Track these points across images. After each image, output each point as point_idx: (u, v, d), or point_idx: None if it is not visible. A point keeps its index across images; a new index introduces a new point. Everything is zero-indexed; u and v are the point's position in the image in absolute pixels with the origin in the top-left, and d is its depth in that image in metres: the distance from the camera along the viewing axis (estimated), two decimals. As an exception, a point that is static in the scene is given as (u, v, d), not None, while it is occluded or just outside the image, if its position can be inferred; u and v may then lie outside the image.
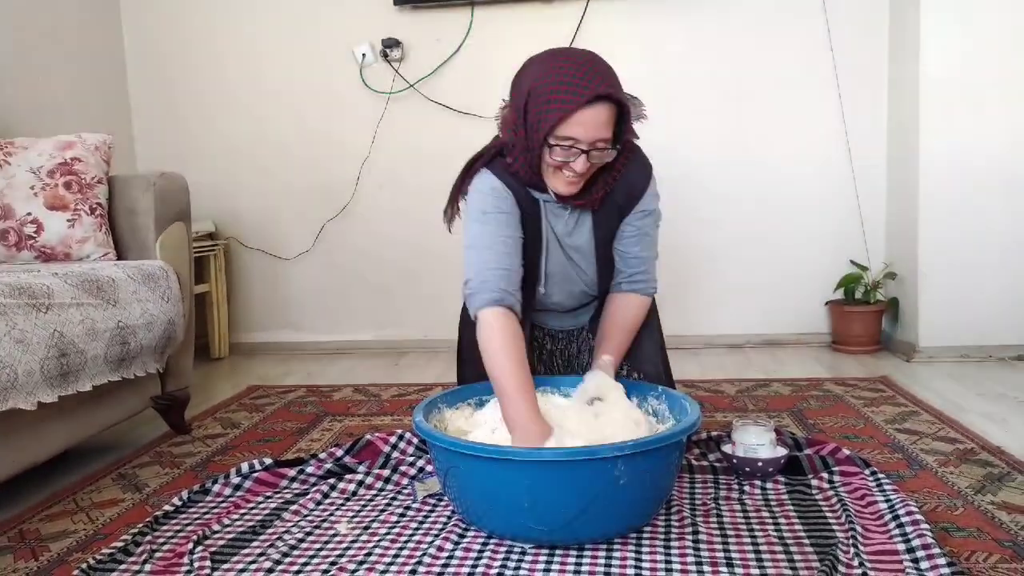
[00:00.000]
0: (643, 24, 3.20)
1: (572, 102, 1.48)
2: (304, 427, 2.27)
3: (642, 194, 1.71)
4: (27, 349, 1.57)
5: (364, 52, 3.30)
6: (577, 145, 1.51)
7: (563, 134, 1.51)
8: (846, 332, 3.10)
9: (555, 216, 1.72)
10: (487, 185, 1.66)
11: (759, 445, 1.67)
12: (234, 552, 1.42)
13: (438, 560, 1.35)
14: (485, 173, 1.68)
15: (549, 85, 1.51)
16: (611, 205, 1.70)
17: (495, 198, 1.65)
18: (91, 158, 2.21)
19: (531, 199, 1.69)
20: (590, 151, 1.52)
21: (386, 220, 3.41)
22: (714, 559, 1.32)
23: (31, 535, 1.56)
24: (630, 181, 1.69)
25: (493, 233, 1.63)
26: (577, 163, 1.54)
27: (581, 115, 1.49)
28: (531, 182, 1.65)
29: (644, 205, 1.72)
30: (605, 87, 1.49)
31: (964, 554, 1.32)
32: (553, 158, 1.55)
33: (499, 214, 1.65)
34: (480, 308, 1.58)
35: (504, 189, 1.66)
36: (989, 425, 2.05)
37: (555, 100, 1.49)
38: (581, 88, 1.48)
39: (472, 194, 1.68)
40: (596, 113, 1.50)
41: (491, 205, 1.65)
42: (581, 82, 1.49)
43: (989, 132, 2.79)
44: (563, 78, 1.50)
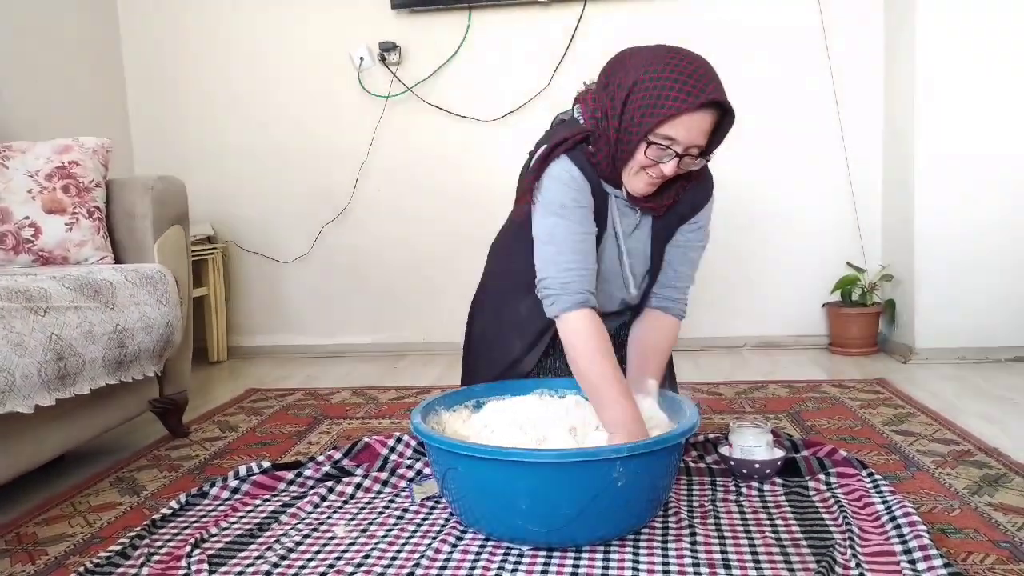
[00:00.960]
0: (640, 27, 3.20)
1: (685, 102, 1.43)
2: (302, 430, 2.27)
3: (703, 206, 1.71)
4: (25, 352, 1.57)
5: (362, 55, 3.31)
6: (673, 147, 1.48)
7: (664, 133, 1.47)
8: (843, 334, 3.11)
9: (621, 214, 1.67)
10: (567, 174, 1.57)
11: (756, 447, 1.67)
12: (232, 555, 1.42)
13: (436, 562, 1.35)
14: (563, 160, 1.58)
15: (661, 81, 1.46)
16: (674, 214, 1.68)
17: (575, 190, 1.58)
18: (89, 161, 2.21)
19: (602, 192, 1.63)
20: (683, 156, 1.50)
21: (384, 223, 3.42)
22: (711, 561, 1.32)
23: (28, 539, 1.56)
24: (696, 193, 1.68)
25: (573, 229, 1.56)
26: (668, 165, 1.50)
27: (688, 118, 1.45)
28: (610, 176, 1.59)
29: (699, 217, 1.71)
30: (717, 94, 1.46)
31: (961, 555, 1.32)
32: (647, 156, 1.50)
33: (577, 208, 1.57)
34: (565, 311, 1.54)
35: (583, 179, 1.59)
36: (986, 426, 2.05)
37: (666, 97, 1.44)
38: (697, 90, 1.44)
39: (549, 181, 1.58)
40: (702, 119, 1.47)
41: (570, 198, 1.57)
42: (698, 84, 1.45)
43: (985, 134, 2.80)
44: (677, 76, 1.45)
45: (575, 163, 1.58)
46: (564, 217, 1.56)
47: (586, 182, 1.59)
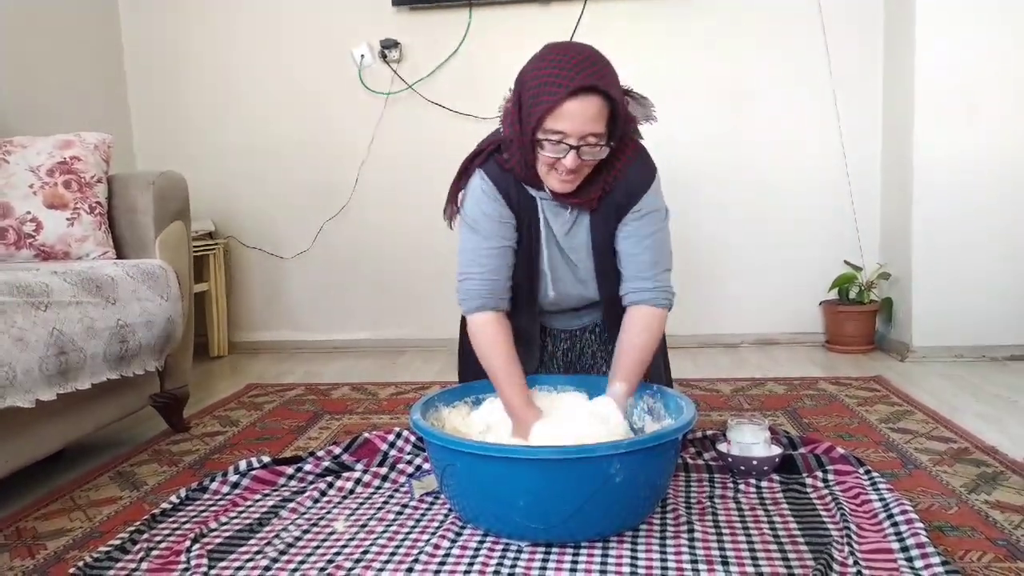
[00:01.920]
0: (640, 26, 3.20)
1: (557, 93, 1.46)
2: (302, 425, 2.28)
3: (641, 195, 1.67)
4: (26, 347, 1.57)
5: (363, 53, 3.31)
6: (566, 140, 1.49)
7: (551, 127, 1.49)
8: (840, 332, 3.11)
9: (553, 215, 1.70)
10: (478, 188, 1.67)
11: (754, 444, 1.68)
12: (231, 550, 1.42)
13: (435, 558, 1.36)
14: (478, 174, 1.67)
15: (539, 78, 1.50)
16: (609, 205, 1.67)
17: (484, 203, 1.66)
18: (90, 157, 2.21)
19: (528, 197, 1.68)
20: (580, 147, 1.50)
21: (385, 220, 3.42)
22: (709, 557, 1.32)
23: (28, 533, 1.57)
24: (631, 181, 1.66)
25: (478, 243, 1.67)
26: (567, 159, 1.51)
27: (567, 107, 1.46)
28: (527, 179, 1.64)
29: (642, 205, 1.67)
30: (592, 79, 1.46)
31: (958, 553, 1.32)
32: (543, 154, 1.53)
33: (487, 221, 1.66)
34: (467, 313, 1.69)
35: (494, 192, 1.66)
36: (983, 425, 2.06)
37: (543, 92, 1.48)
38: (567, 80, 1.46)
39: (467, 197, 1.69)
40: (583, 106, 1.47)
41: (480, 212, 1.66)
42: (568, 74, 1.46)
43: (983, 134, 2.80)
44: (553, 70, 1.48)
45: (489, 175, 1.66)
46: (475, 231, 1.67)
47: (497, 193, 1.66)
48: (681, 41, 3.20)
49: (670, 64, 3.21)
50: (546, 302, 1.81)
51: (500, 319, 1.67)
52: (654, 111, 1.69)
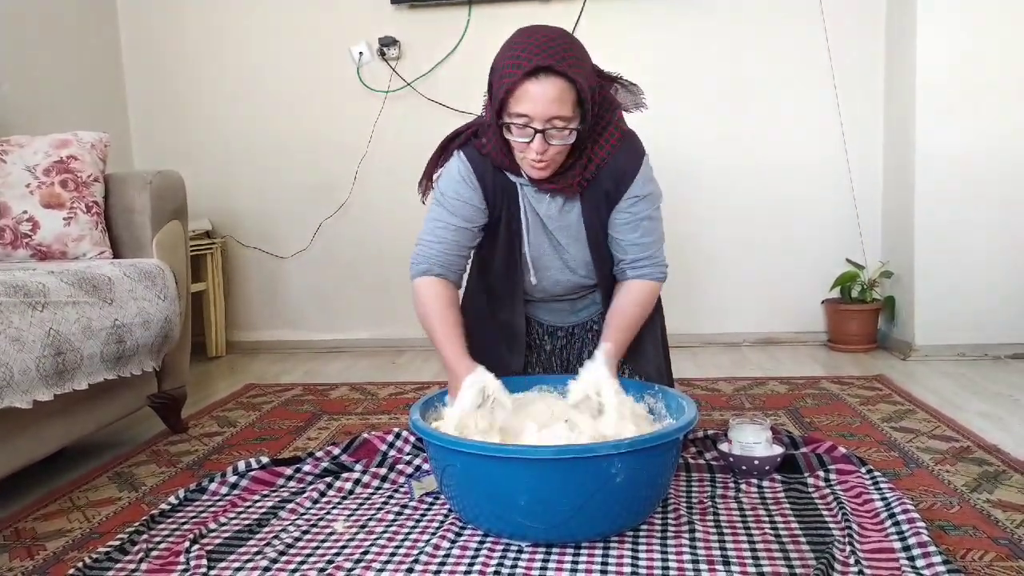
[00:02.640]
0: (640, 24, 3.20)
1: (515, 75, 1.46)
2: (301, 425, 2.27)
3: (631, 179, 1.66)
4: (23, 347, 1.56)
5: (361, 51, 3.30)
6: (531, 124, 1.49)
7: (514, 111, 1.49)
8: (843, 331, 3.11)
9: (537, 200, 1.70)
10: (453, 168, 1.70)
11: (755, 443, 1.67)
12: (230, 550, 1.41)
13: (435, 558, 1.35)
14: (456, 155, 1.70)
15: (503, 60, 1.51)
16: (598, 190, 1.67)
17: (456, 183, 1.69)
18: (87, 156, 2.20)
19: (507, 183, 1.68)
20: (545, 130, 1.49)
21: (383, 218, 3.41)
22: (711, 557, 1.32)
23: (27, 534, 1.56)
24: (619, 166, 1.66)
25: (440, 216, 1.70)
26: (534, 143, 1.50)
27: (527, 89, 1.46)
28: (504, 164, 1.64)
29: (634, 190, 1.67)
30: (549, 60, 1.45)
31: (960, 552, 1.32)
32: (512, 138, 1.53)
33: (455, 200, 1.68)
34: (414, 278, 1.72)
35: (469, 174, 1.68)
36: (985, 423, 2.05)
37: (505, 75, 1.48)
38: (525, 61, 1.45)
39: (443, 174, 1.72)
40: (543, 88, 1.46)
41: (451, 190, 1.69)
42: (527, 55, 1.46)
43: (985, 131, 2.80)
44: (515, 52, 1.49)
45: (467, 158, 1.69)
46: (441, 206, 1.71)
47: (472, 176, 1.68)
48: (681, 38, 3.20)
49: (671, 61, 3.20)
50: (531, 289, 1.80)
51: (445, 283, 1.69)
52: (644, 98, 1.70)
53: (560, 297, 1.86)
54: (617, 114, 1.67)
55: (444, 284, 1.69)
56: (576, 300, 1.87)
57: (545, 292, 1.82)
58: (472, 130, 1.70)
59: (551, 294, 1.84)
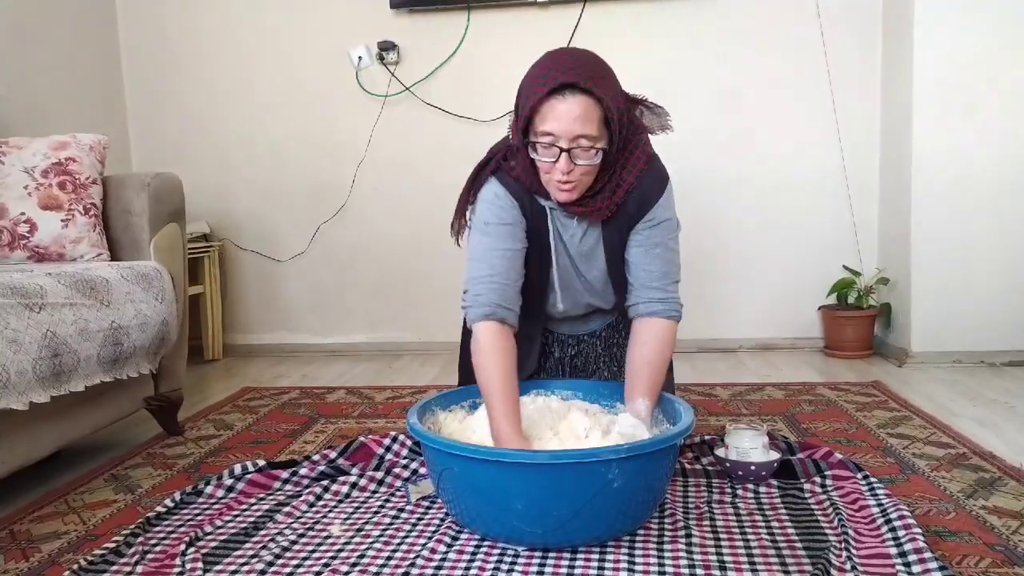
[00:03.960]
0: (639, 29, 3.20)
1: (537, 93, 1.46)
2: (298, 429, 2.27)
3: (654, 203, 1.64)
4: (20, 349, 1.56)
5: (360, 55, 3.31)
6: (557, 143, 1.47)
7: (540, 129, 1.48)
8: (839, 337, 3.11)
9: (563, 225, 1.68)
10: (491, 193, 1.63)
11: (752, 449, 1.67)
12: (226, 554, 1.41)
13: (431, 563, 1.35)
14: (491, 181, 1.64)
15: (530, 80, 1.50)
16: (622, 216, 1.64)
17: (498, 208, 1.62)
18: (86, 158, 2.20)
19: (538, 206, 1.65)
20: (571, 149, 1.48)
21: (381, 222, 3.41)
22: (707, 562, 1.32)
23: (22, 536, 1.55)
24: (643, 192, 1.63)
25: (492, 245, 1.61)
26: (560, 163, 1.48)
27: (552, 107, 1.45)
28: (533, 187, 1.62)
29: (653, 214, 1.64)
30: (573, 77, 1.44)
31: (955, 558, 1.32)
32: (538, 159, 1.52)
33: (500, 225, 1.62)
34: (474, 322, 1.60)
35: (508, 197, 1.63)
36: (981, 430, 2.06)
37: (531, 93, 1.48)
38: (549, 79, 1.45)
39: (478, 203, 1.65)
40: (568, 106, 1.45)
41: (493, 216, 1.62)
42: (551, 73, 1.46)
43: (982, 139, 2.81)
44: (541, 72, 1.48)
45: (501, 182, 1.64)
46: (487, 235, 1.63)
47: (512, 200, 1.63)
48: (679, 43, 3.21)
49: (667, 66, 3.21)
50: (554, 312, 1.79)
51: (508, 334, 1.58)
52: (669, 120, 1.66)
53: (573, 315, 1.85)
54: (644, 137, 1.64)
55: (507, 335, 1.58)
56: (589, 315, 1.87)
57: (565, 314, 1.80)
58: (501, 154, 1.65)
59: (567, 314, 1.82)
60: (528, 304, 1.70)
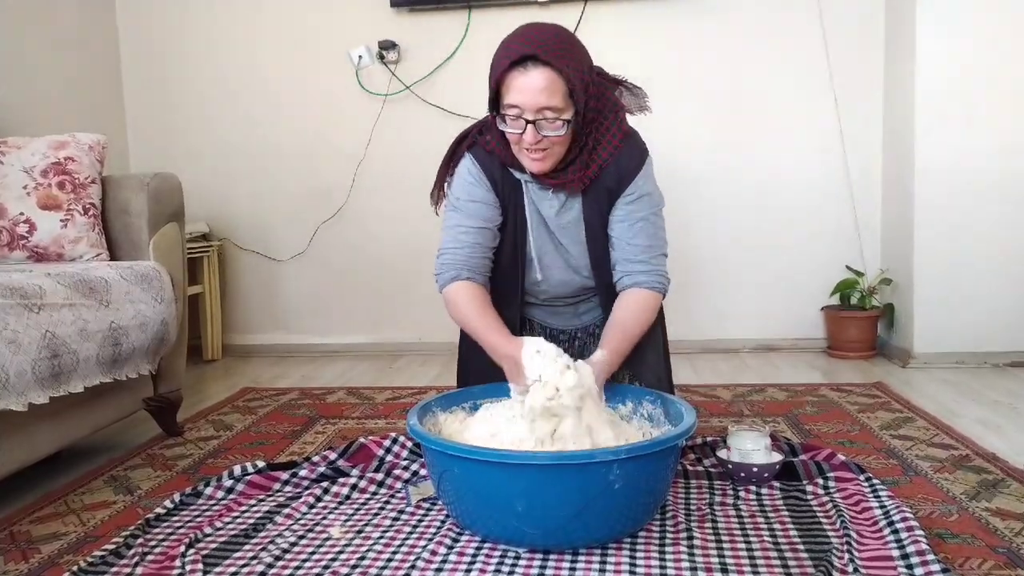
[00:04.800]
0: (640, 29, 3.20)
1: (501, 66, 1.50)
2: (297, 430, 2.26)
3: (633, 177, 1.67)
4: (19, 350, 1.56)
5: (360, 54, 3.30)
6: (523, 115, 1.52)
7: (507, 102, 1.52)
8: (842, 338, 3.11)
9: (539, 197, 1.71)
10: (464, 169, 1.71)
11: (754, 450, 1.66)
12: (226, 555, 1.41)
13: (432, 564, 1.34)
14: (465, 157, 1.71)
15: (497, 53, 1.55)
16: (600, 189, 1.68)
17: (469, 184, 1.69)
18: (85, 158, 2.19)
19: (513, 180, 1.70)
20: (536, 120, 1.52)
21: (381, 222, 3.41)
22: (709, 564, 1.31)
23: (21, 537, 1.55)
24: (621, 164, 1.67)
25: (460, 221, 1.70)
26: (526, 134, 1.53)
27: (515, 79, 1.50)
28: (509, 161, 1.66)
29: (633, 188, 1.68)
30: (534, 49, 1.48)
31: (958, 560, 1.31)
32: (506, 130, 1.56)
33: (469, 202, 1.69)
34: (442, 287, 1.70)
35: (479, 173, 1.69)
36: (984, 431, 2.05)
37: (497, 66, 1.52)
38: (511, 52, 1.50)
39: (454, 178, 1.73)
40: (531, 78, 1.49)
41: (464, 192, 1.69)
42: (513, 47, 1.50)
43: (984, 139, 2.80)
44: (506, 45, 1.54)
45: (476, 159, 1.70)
46: (457, 210, 1.71)
47: (483, 175, 1.69)
48: (682, 44, 3.20)
49: (671, 67, 3.20)
50: (537, 290, 1.80)
51: (475, 285, 1.68)
52: (647, 101, 1.71)
53: (564, 298, 1.85)
54: (620, 115, 1.68)
55: (475, 286, 1.68)
56: (579, 303, 1.87)
57: (549, 293, 1.82)
58: (477, 129, 1.72)
59: (556, 295, 1.83)
60: (505, 283, 1.74)
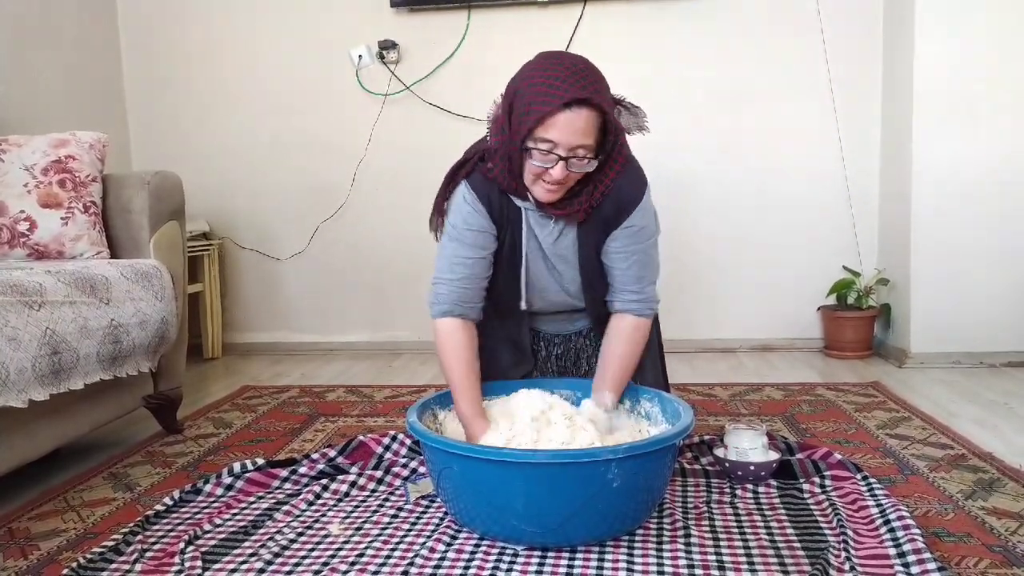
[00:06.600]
0: (639, 29, 3.20)
1: (549, 103, 1.46)
2: (297, 428, 2.27)
3: (631, 209, 1.66)
4: (19, 347, 1.56)
5: (360, 54, 3.30)
6: (555, 150, 1.49)
7: (542, 136, 1.49)
8: (839, 337, 3.11)
9: (539, 225, 1.70)
10: (459, 198, 1.68)
11: (751, 449, 1.67)
12: (225, 552, 1.41)
13: (430, 561, 1.35)
14: (463, 185, 1.68)
15: (534, 87, 1.50)
16: (597, 218, 1.66)
17: (466, 213, 1.67)
18: (86, 156, 2.20)
19: (512, 207, 1.68)
20: (569, 158, 1.50)
21: (381, 221, 3.41)
22: (706, 563, 1.32)
23: (21, 534, 1.55)
24: (621, 195, 1.65)
25: (456, 251, 1.68)
26: (555, 170, 1.51)
27: (558, 118, 1.47)
28: (511, 189, 1.64)
29: (632, 220, 1.67)
30: (585, 92, 1.47)
31: (954, 559, 1.32)
32: (532, 163, 1.53)
33: (467, 231, 1.67)
34: (434, 318, 1.69)
35: (476, 203, 1.66)
36: (980, 431, 2.06)
37: (536, 102, 1.48)
38: (561, 91, 1.46)
39: (451, 205, 1.70)
40: (574, 118, 1.47)
41: (461, 221, 1.67)
42: (563, 85, 1.47)
43: (981, 140, 2.81)
44: (547, 80, 1.49)
45: (472, 186, 1.67)
46: (453, 239, 1.69)
47: (479, 205, 1.67)
48: (680, 46, 3.20)
49: (669, 67, 3.21)
50: (536, 308, 1.81)
51: (466, 327, 1.68)
52: (646, 121, 1.69)
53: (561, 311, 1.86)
54: (621, 139, 1.65)
55: (465, 327, 1.67)
56: (573, 313, 1.88)
57: (540, 311, 1.84)
58: (477, 156, 1.68)
59: (548, 311, 1.85)
60: (504, 303, 1.75)
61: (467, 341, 1.67)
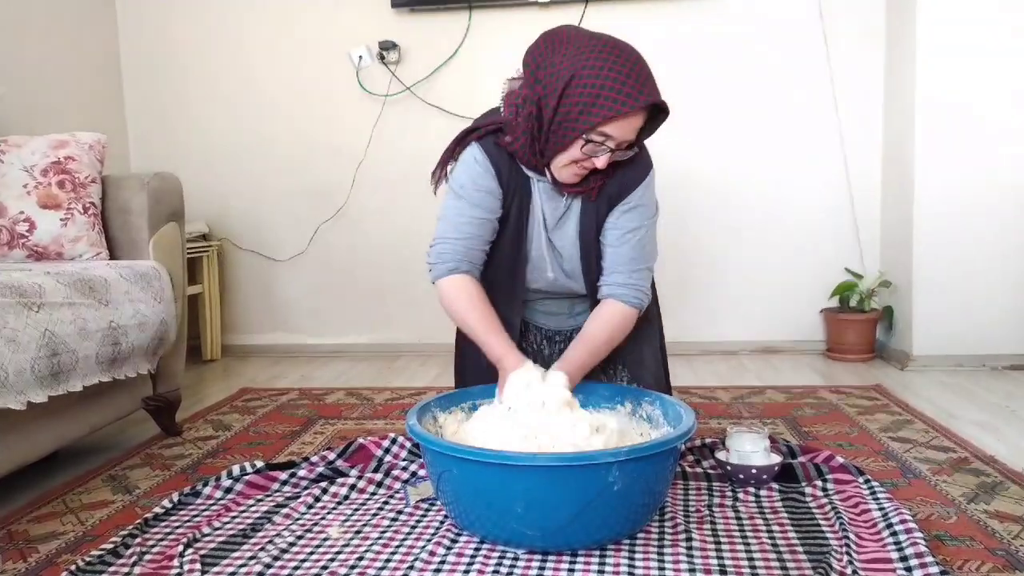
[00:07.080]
0: (641, 32, 3.18)
1: (625, 104, 1.47)
2: (296, 430, 2.26)
3: (634, 188, 1.68)
4: (18, 348, 1.56)
5: (361, 54, 3.30)
6: (608, 143, 1.52)
7: (602, 131, 1.50)
8: (841, 340, 3.11)
9: (547, 198, 1.69)
10: (471, 157, 1.66)
11: (753, 452, 1.66)
12: (224, 555, 1.40)
13: (430, 565, 1.34)
14: (474, 146, 1.67)
15: (600, 79, 1.48)
16: (602, 196, 1.68)
17: (475, 173, 1.65)
18: (85, 157, 2.19)
19: (522, 178, 1.68)
20: (615, 149, 1.53)
21: (381, 223, 3.41)
22: (707, 566, 1.31)
23: (20, 536, 1.55)
24: (626, 175, 1.67)
25: (462, 210, 1.66)
26: (600, 159, 1.54)
27: (628, 119, 1.50)
28: (530, 165, 1.64)
29: (632, 198, 1.67)
30: (655, 95, 1.51)
31: (957, 562, 1.31)
32: (582, 152, 1.53)
33: (475, 191, 1.65)
34: (437, 278, 1.67)
35: (487, 163, 1.65)
36: (982, 434, 2.05)
37: (606, 98, 1.47)
38: (636, 93, 1.48)
39: (458, 164, 1.68)
40: (638, 118, 1.52)
41: (469, 180, 1.66)
42: (636, 86, 1.48)
43: (984, 144, 2.80)
44: (617, 76, 1.48)
45: (484, 149, 1.65)
46: (459, 198, 1.67)
47: (491, 168, 1.65)
48: (683, 48, 3.20)
49: (671, 72, 3.17)
50: (532, 288, 1.80)
51: (472, 280, 1.66)
52: None
53: (558, 296, 1.84)
54: None
55: (473, 281, 1.66)
56: (575, 302, 1.86)
57: (542, 292, 1.82)
58: (494, 127, 1.66)
59: (547, 294, 1.83)
60: (504, 279, 1.73)
61: (479, 292, 1.65)
